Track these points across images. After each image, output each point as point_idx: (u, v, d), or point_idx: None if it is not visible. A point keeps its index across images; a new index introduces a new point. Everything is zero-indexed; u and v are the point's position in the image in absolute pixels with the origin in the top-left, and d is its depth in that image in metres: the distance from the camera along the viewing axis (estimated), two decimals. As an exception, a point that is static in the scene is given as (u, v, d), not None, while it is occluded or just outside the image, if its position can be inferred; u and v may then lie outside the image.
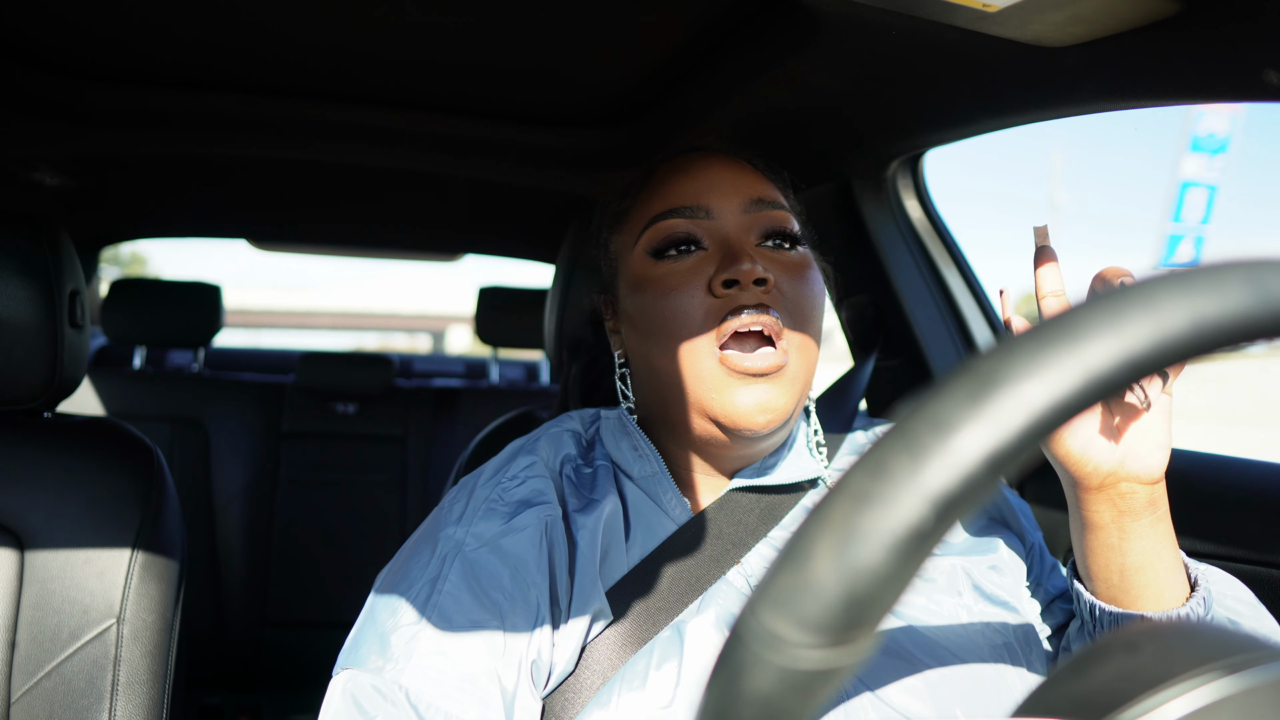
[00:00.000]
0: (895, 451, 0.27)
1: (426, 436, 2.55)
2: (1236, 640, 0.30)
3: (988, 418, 0.26)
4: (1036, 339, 0.27)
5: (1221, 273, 0.28)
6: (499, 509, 0.73)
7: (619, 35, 1.17)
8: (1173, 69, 0.83)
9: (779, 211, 0.79)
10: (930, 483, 0.26)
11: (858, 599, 0.26)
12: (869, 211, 1.44)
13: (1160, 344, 0.27)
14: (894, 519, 0.26)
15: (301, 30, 1.20)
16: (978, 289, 1.46)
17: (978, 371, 0.27)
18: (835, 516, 0.27)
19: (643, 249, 0.79)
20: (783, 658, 0.27)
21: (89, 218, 2.39)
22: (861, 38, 0.96)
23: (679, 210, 0.78)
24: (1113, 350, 0.27)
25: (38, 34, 1.24)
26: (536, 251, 2.78)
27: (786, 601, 0.27)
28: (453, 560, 0.69)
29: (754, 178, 0.81)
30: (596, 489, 0.78)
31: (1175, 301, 0.27)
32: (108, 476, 1.01)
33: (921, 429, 0.27)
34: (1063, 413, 0.26)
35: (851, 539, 0.26)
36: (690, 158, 0.83)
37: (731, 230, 0.77)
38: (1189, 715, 0.27)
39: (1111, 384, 0.27)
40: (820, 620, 0.26)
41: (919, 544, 0.26)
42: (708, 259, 0.76)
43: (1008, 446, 0.26)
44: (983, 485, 0.26)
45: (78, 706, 0.93)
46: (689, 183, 0.80)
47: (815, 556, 0.27)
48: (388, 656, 0.64)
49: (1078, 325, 0.27)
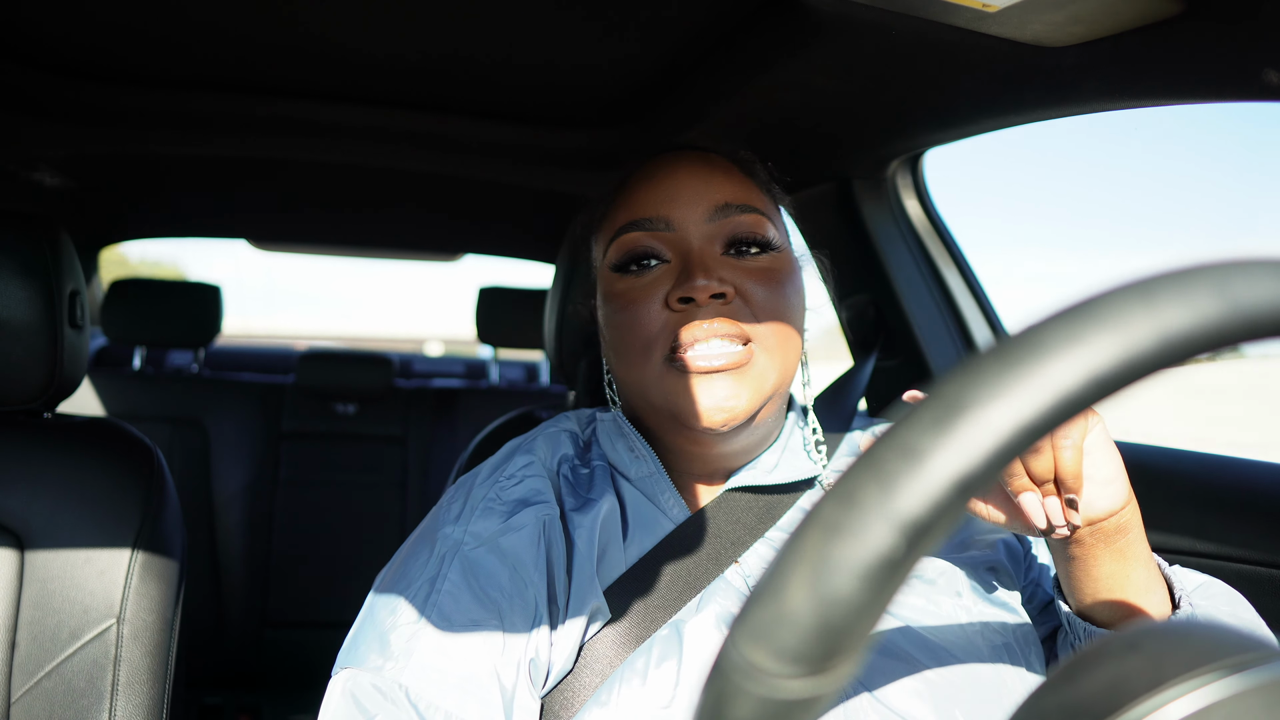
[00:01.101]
0: (864, 481, 0.27)
1: (426, 437, 2.55)
2: (1236, 640, 0.30)
3: (954, 443, 0.26)
4: (999, 359, 0.27)
5: (1186, 280, 0.27)
6: (496, 508, 0.73)
7: (619, 35, 1.17)
8: (1173, 69, 0.83)
9: (748, 216, 0.76)
10: (900, 511, 0.26)
11: (833, 629, 0.26)
12: (869, 211, 1.44)
13: (1126, 359, 0.26)
14: (865, 549, 0.26)
15: (302, 30, 1.20)
16: (977, 289, 1.46)
17: (943, 396, 0.27)
18: (808, 548, 0.27)
19: (609, 263, 0.78)
20: (762, 688, 0.27)
21: (89, 218, 2.39)
22: (861, 38, 0.95)
23: (640, 223, 0.76)
24: (1077, 368, 0.26)
25: (38, 34, 1.24)
26: (536, 251, 2.78)
27: (764, 633, 0.27)
28: (451, 559, 0.69)
29: (723, 180, 0.78)
30: (594, 489, 0.78)
31: (1139, 313, 0.27)
32: (108, 477, 1.01)
33: (889, 457, 0.27)
34: (1030, 434, 0.26)
35: (824, 570, 0.26)
36: (658, 163, 0.80)
37: (694, 241, 0.75)
38: (1189, 716, 0.27)
39: (1078, 402, 0.26)
40: (797, 651, 0.27)
41: (890, 573, 0.26)
42: (668, 272, 0.74)
43: (976, 471, 0.26)
44: (952, 511, 0.26)
45: (78, 706, 0.93)
46: (651, 192, 0.77)
47: (790, 588, 0.27)
48: (387, 655, 0.64)
49: (1040, 343, 0.27)
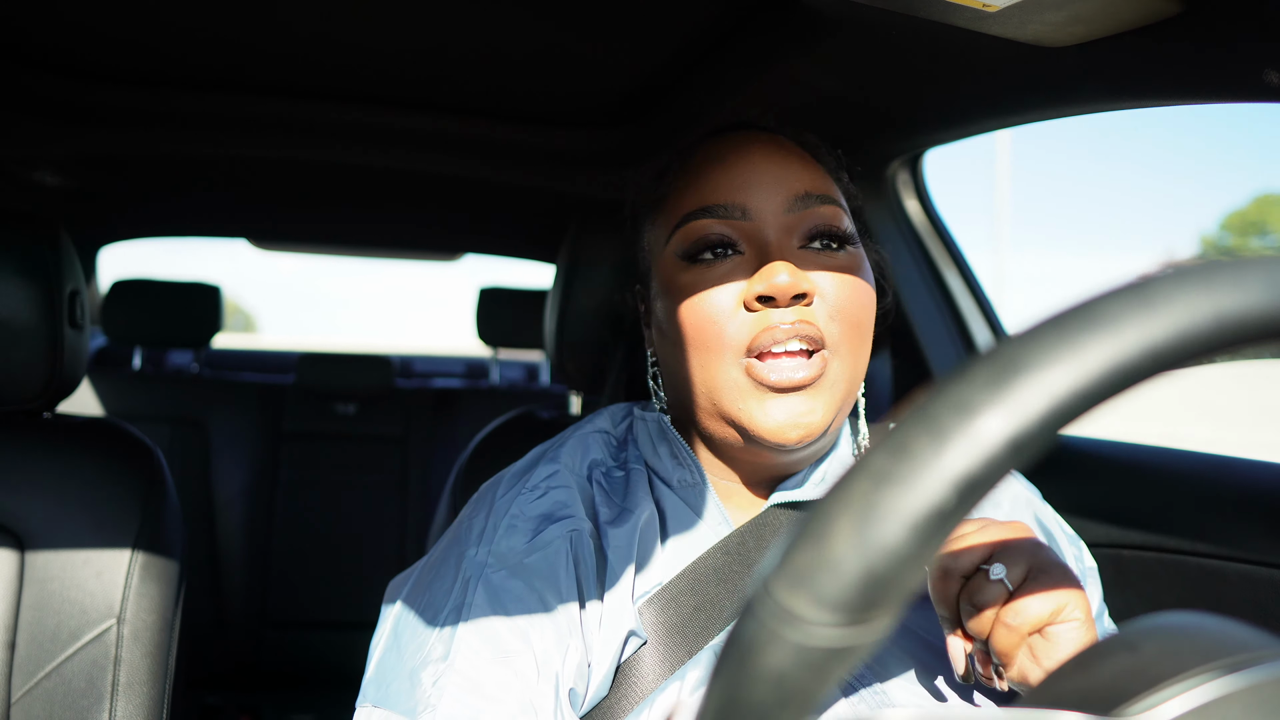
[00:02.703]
0: (917, 433, 0.27)
1: (426, 437, 2.55)
2: (1237, 639, 0.30)
3: (1010, 402, 0.26)
4: (1060, 326, 0.27)
5: (1244, 267, 0.28)
6: (520, 525, 0.69)
7: (619, 35, 1.17)
8: (1173, 69, 0.83)
9: (827, 208, 0.70)
10: (952, 464, 0.26)
11: (877, 578, 0.26)
12: (869, 211, 1.44)
13: (1184, 335, 0.27)
14: (915, 498, 0.26)
15: (302, 30, 1.20)
16: (977, 289, 1.46)
17: (1000, 356, 0.27)
18: (855, 495, 0.27)
19: (673, 250, 0.72)
20: (799, 635, 0.27)
21: (89, 218, 2.39)
22: (861, 38, 0.95)
23: (712, 209, 0.70)
24: (1137, 338, 0.26)
25: (38, 34, 1.24)
26: (536, 251, 2.78)
27: (804, 578, 0.27)
28: (476, 584, 0.65)
29: (800, 166, 0.72)
30: (629, 496, 0.73)
31: (1199, 292, 0.27)
32: (108, 477, 1.01)
33: (944, 412, 0.27)
34: (1086, 400, 0.26)
35: (872, 517, 0.26)
36: (729, 143, 0.74)
37: (771, 233, 0.69)
38: (1189, 713, 0.27)
39: (1134, 372, 0.26)
40: (838, 598, 0.26)
41: (940, 524, 0.26)
42: (743, 265, 0.68)
43: (1030, 430, 0.26)
44: (1003, 468, 0.26)
45: (78, 707, 0.93)
46: (725, 176, 0.71)
47: (834, 534, 0.26)
48: (418, 697, 0.61)
49: (1103, 312, 0.27)
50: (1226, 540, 0.98)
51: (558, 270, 1.24)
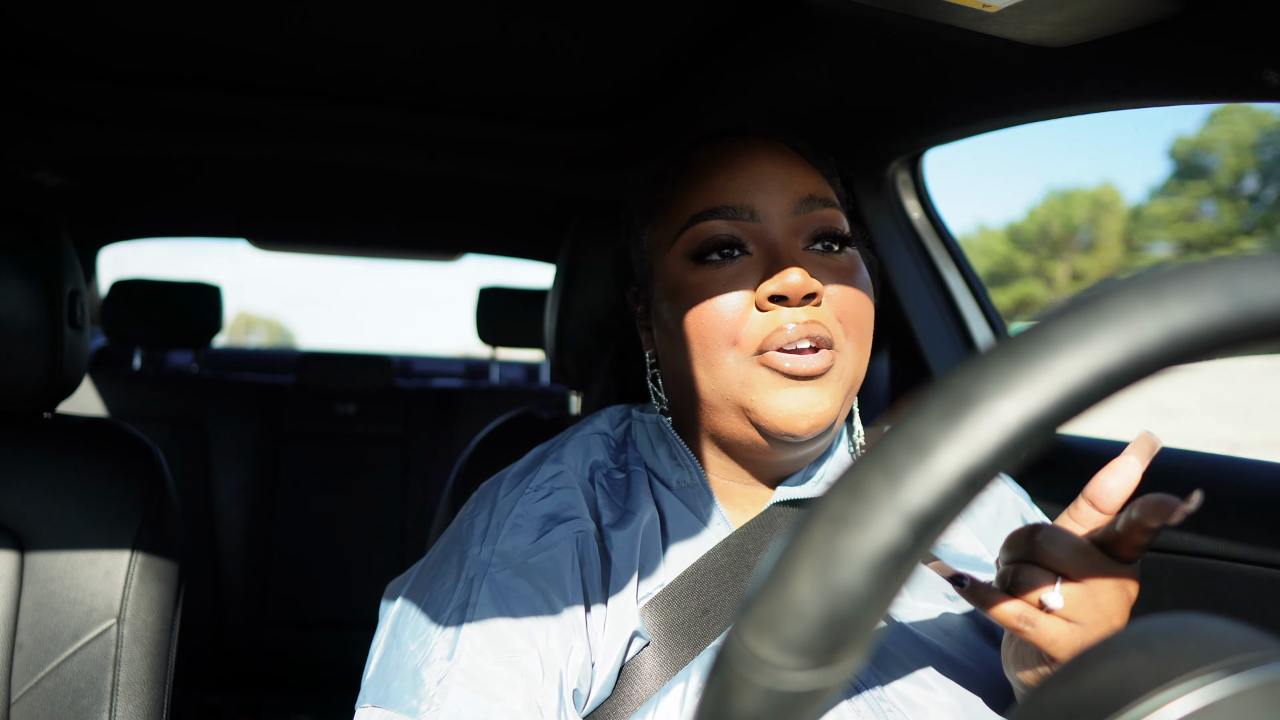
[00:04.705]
0: (872, 473, 0.27)
1: (426, 437, 2.55)
2: (1237, 640, 0.30)
3: (962, 436, 0.26)
4: (1008, 354, 0.27)
5: (1191, 277, 0.28)
6: (525, 524, 0.69)
7: (618, 35, 1.17)
8: (1173, 69, 0.83)
9: (829, 210, 0.73)
10: (907, 503, 0.26)
11: (839, 621, 0.26)
12: (869, 211, 1.44)
13: (1132, 356, 0.26)
14: (872, 541, 0.26)
15: (302, 31, 1.20)
16: (977, 289, 1.46)
17: (951, 390, 0.27)
18: (815, 539, 0.27)
19: (680, 251, 0.73)
20: (767, 679, 0.27)
21: (89, 218, 2.39)
22: (861, 38, 0.96)
23: (721, 210, 0.71)
24: (1083, 364, 0.26)
25: (38, 34, 1.24)
26: (536, 251, 2.78)
27: (769, 624, 0.27)
28: (480, 584, 0.65)
29: (803, 170, 0.74)
30: (631, 498, 0.74)
31: (1146, 310, 0.27)
32: (108, 477, 1.01)
33: (897, 449, 0.27)
34: (1038, 428, 0.26)
35: (831, 562, 0.27)
36: (732, 146, 0.75)
37: (778, 235, 0.71)
38: (1190, 714, 0.27)
39: (1084, 398, 0.26)
40: (803, 643, 0.27)
41: (897, 565, 0.26)
42: (752, 265, 0.70)
43: (983, 464, 0.26)
44: (958, 504, 0.26)
45: (78, 707, 0.93)
46: (732, 178, 0.72)
47: (796, 579, 0.27)
48: (421, 696, 0.61)
49: (1047, 338, 0.27)
50: (1227, 540, 0.98)
51: (557, 270, 1.24)
